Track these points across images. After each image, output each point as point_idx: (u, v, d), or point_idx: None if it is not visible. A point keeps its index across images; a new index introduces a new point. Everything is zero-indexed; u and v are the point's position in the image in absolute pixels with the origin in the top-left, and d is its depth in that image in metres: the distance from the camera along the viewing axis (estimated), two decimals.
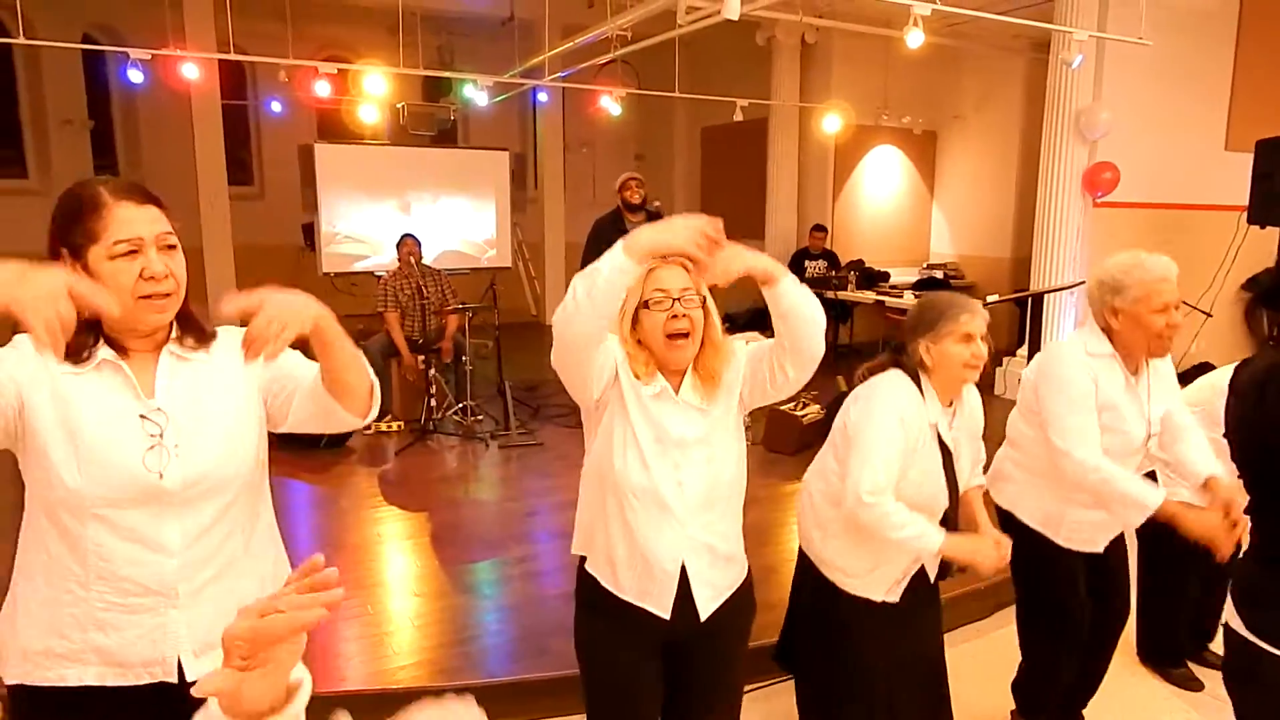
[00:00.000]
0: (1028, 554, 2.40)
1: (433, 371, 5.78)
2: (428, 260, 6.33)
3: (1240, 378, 1.69)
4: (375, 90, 7.64)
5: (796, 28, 8.31)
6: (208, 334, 1.45)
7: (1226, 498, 2.10)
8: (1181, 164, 6.94)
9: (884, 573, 2.14)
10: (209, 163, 8.42)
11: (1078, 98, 6.40)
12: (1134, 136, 6.57)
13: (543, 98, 10.04)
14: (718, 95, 8.05)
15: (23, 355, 1.32)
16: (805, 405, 5.48)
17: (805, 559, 2.28)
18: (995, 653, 3.10)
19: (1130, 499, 2.17)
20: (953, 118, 9.56)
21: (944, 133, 9.75)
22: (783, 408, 5.44)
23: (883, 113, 9.23)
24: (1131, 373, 2.32)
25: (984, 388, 2.36)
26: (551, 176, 10.58)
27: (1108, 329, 2.30)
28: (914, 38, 5.03)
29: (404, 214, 8.16)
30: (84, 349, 1.33)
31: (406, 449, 5.44)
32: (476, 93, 8.09)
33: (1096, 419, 2.24)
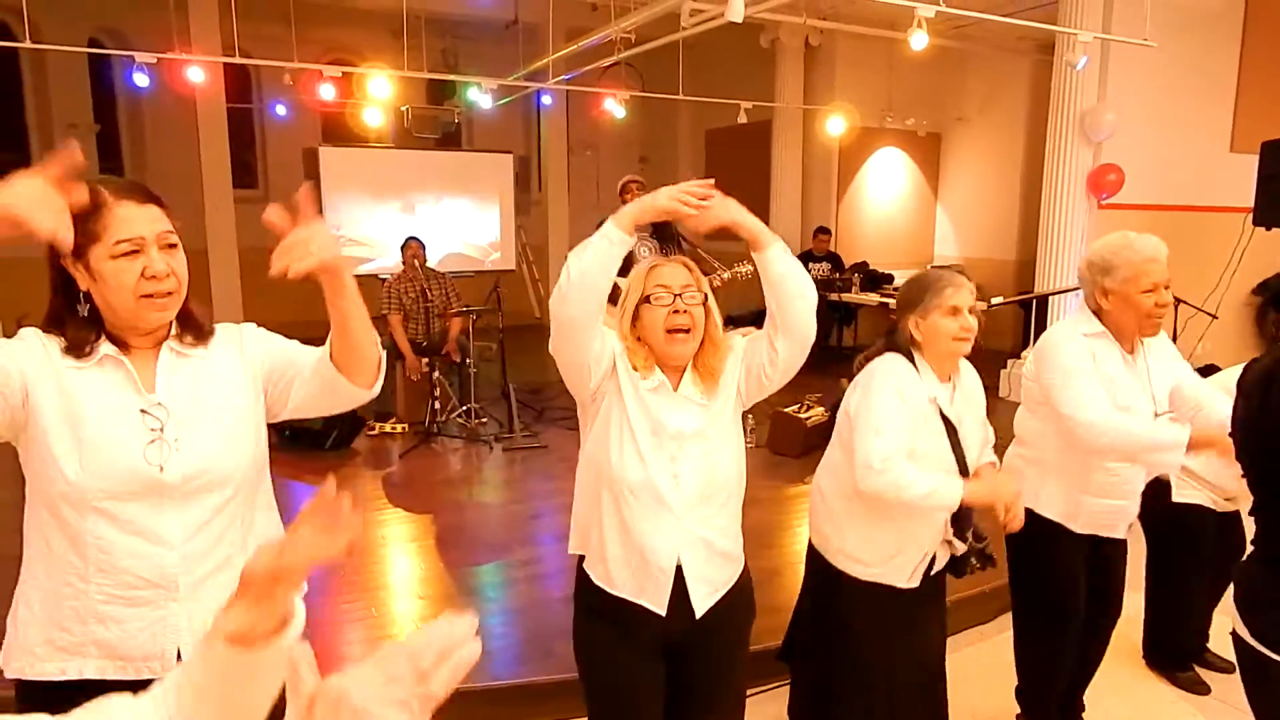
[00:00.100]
0: (1033, 551, 2.41)
1: (437, 374, 5.78)
2: (432, 263, 6.33)
3: (1246, 377, 1.69)
4: (380, 93, 7.65)
5: (800, 30, 8.31)
6: (206, 331, 1.46)
7: None
8: (1187, 166, 6.93)
9: (906, 557, 2.13)
10: (214, 166, 8.44)
11: (1082, 99, 6.39)
12: (1139, 138, 6.56)
13: (547, 100, 10.05)
14: (722, 98, 8.06)
15: (30, 347, 1.33)
16: (809, 407, 5.47)
17: (815, 559, 2.27)
18: (999, 656, 3.09)
19: (1157, 443, 2.15)
20: (957, 120, 9.55)
21: (948, 135, 9.74)
22: (787, 410, 5.44)
23: (887, 115, 9.22)
24: (1128, 352, 2.34)
25: (989, 390, 2.36)
26: (555, 179, 10.59)
27: (1099, 310, 2.34)
28: (918, 39, 5.03)
29: (408, 217, 8.18)
30: (86, 344, 1.34)
31: (411, 451, 5.45)
32: (481, 96, 8.11)
33: (1099, 387, 2.24)
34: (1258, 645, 1.61)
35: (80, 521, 1.32)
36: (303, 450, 5.10)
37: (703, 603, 1.77)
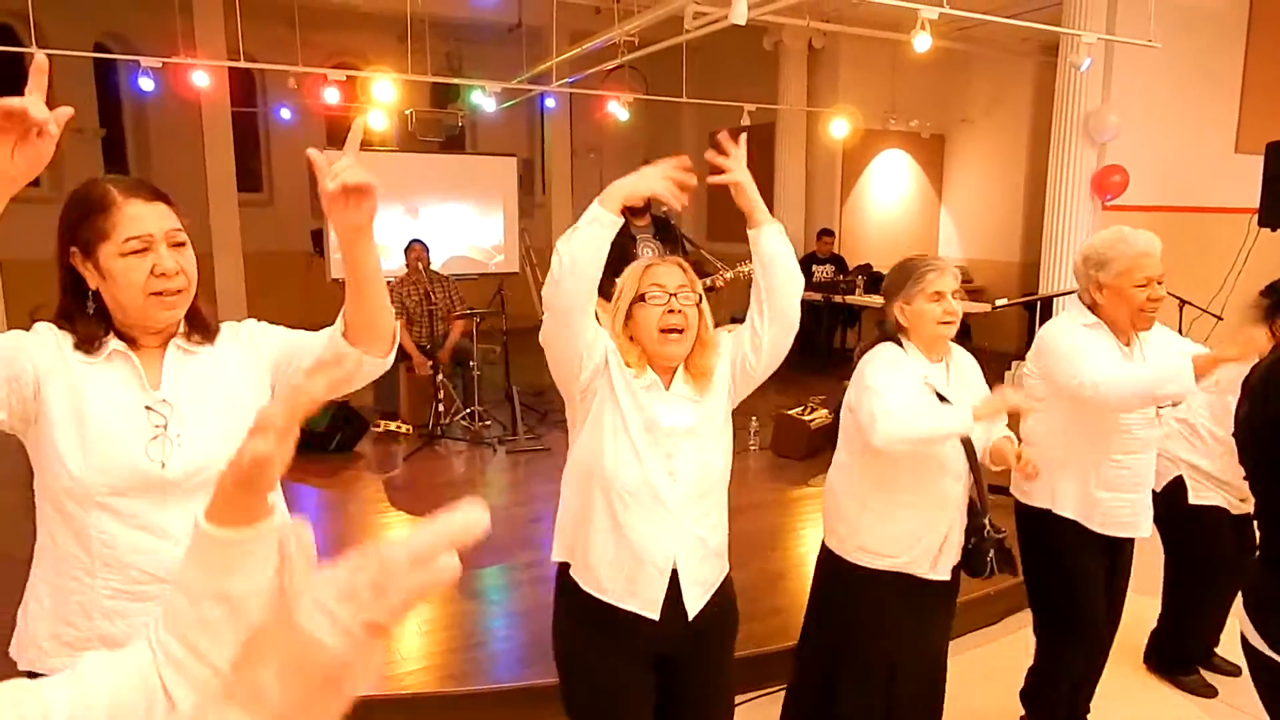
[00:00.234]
0: (1051, 552, 2.42)
1: (440, 376, 5.79)
2: (435, 266, 6.34)
3: (1251, 378, 1.68)
4: (384, 97, 7.67)
5: (803, 32, 8.31)
6: (213, 329, 1.47)
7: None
8: (1191, 166, 6.91)
9: (926, 543, 2.12)
10: (219, 169, 8.47)
11: (1086, 100, 6.38)
12: (1143, 139, 6.54)
13: (550, 104, 10.07)
14: (725, 100, 8.06)
15: (43, 341, 1.34)
16: (813, 410, 5.46)
17: (828, 562, 2.26)
18: (1003, 659, 3.08)
19: (1162, 377, 2.15)
20: (961, 121, 9.54)
21: (952, 136, 9.73)
22: (790, 412, 5.43)
23: (890, 116, 9.22)
24: (1124, 344, 2.36)
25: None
26: (559, 182, 10.60)
27: (1093, 305, 2.36)
28: (921, 41, 5.02)
29: (412, 220, 8.18)
30: (95, 340, 1.35)
31: (414, 454, 5.45)
32: (484, 99, 8.12)
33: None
34: (1263, 648, 1.60)
35: (84, 516, 1.33)
36: (307, 453, 5.10)
37: (695, 604, 1.77)
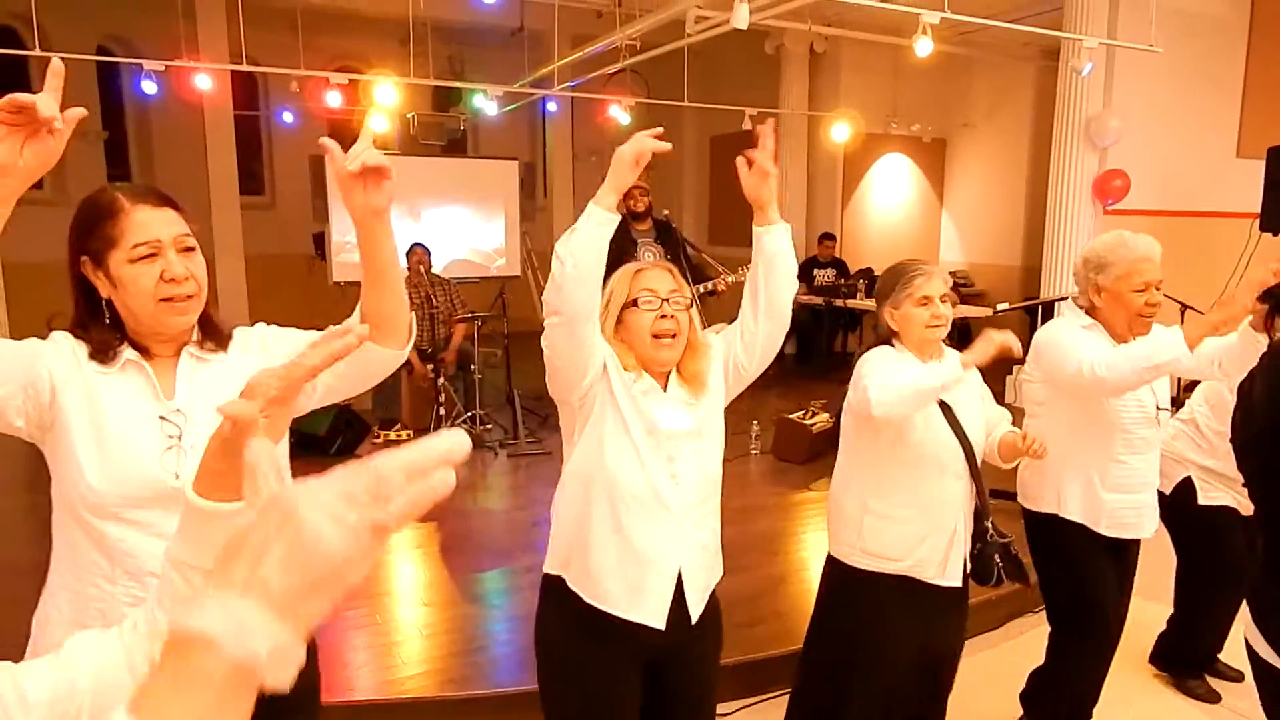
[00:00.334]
0: (1062, 556, 2.43)
1: (442, 380, 5.79)
2: (437, 269, 6.35)
3: (1245, 384, 1.68)
4: (386, 100, 7.67)
5: (805, 36, 8.32)
6: (225, 336, 1.46)
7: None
8: (1193, 171, 6.91)
9: (932, 544, 2.11)
10: (221, 173, 8.48)
11: (1088, 105, 6.39)
12: (1144, 143, 6.54)
13: (552, 107, 10.08)
14: (727, 104, 8.07)
15: (59, 350, 1.34)
16: (814, 414, 5.46)
17: (834, 571, 2.26)
18: (1005, 663, 3.08)
19: (1152, 348, 2.16)
20: (962, 125, 9.55)
21: (953, 140, 9.74)
22: (791, 416, 5.43)
23: (892, 121, 9.23)
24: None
25: (995, 396, 2.36)
26: (561, 185, 10.61)
27: (1090, 309, 2.37)
28: (923, 46, 5.03)
29: (413, 223, 8.19)
30: (110, 349, 1.34)
31: None
32: (486, 102, 8.13)
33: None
34: (1265, 653, 1.60)
35: (103, 525, 1.32)
36: (307, 457, 5.10)
37: (697, 608, 1.77)
